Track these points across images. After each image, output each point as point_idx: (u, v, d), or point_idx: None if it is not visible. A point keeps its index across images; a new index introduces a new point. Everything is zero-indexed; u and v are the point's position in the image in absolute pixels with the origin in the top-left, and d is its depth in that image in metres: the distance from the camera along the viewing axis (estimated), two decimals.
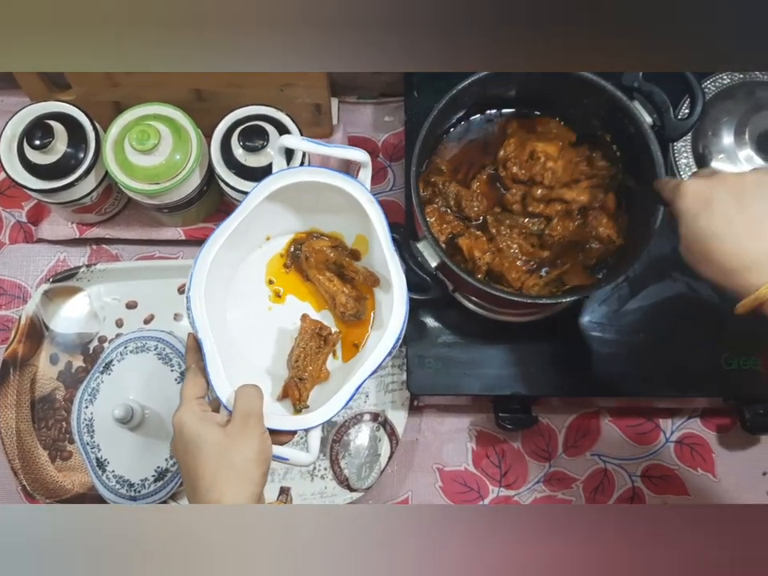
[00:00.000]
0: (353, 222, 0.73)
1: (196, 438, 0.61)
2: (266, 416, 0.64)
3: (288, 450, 0.66)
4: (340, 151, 0.72)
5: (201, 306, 0.67)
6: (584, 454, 0.95)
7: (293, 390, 0.70)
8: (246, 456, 0.60)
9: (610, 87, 0.78)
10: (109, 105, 0.93)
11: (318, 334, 0.73)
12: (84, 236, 0.98)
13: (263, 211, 0.71)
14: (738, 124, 0.87)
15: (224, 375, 0.66)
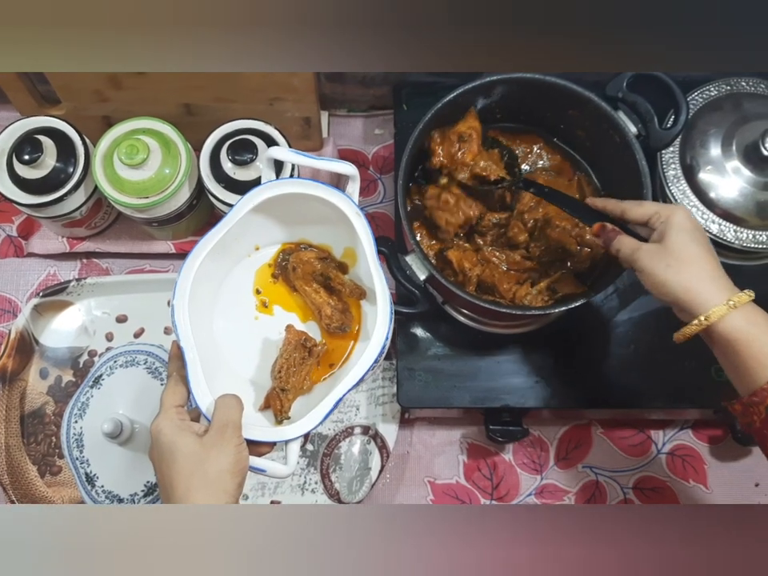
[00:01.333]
0: (341, 234, 0.73)
1: (171, 446, 0.60)
2: (245, 426, 0.63)
3: (265, 462, 0.65)
4: (327, 164, 0.72)
5: (184, 315, 0.67)
6: (576, 466, 0.95)
7: (275, 400, 0.70)
8: (220, 467, 0.60)
9: (595, 98, 0.79)
10: (98, 119, 0.94)
11: (302, 345, 0.72)
12: (74, 250, 0.98)
13: (251, 221, 0.71)
14: (725, 135, 0.87)
15: (205, 384, 0.66)
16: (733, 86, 0.91)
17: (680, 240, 0.65)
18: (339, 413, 0.95)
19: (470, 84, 0.80)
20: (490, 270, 0.81)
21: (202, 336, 0.70)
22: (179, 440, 0.61)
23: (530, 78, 0.81)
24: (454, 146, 0.81)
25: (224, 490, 0.59)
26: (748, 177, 0.85)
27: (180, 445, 0.60)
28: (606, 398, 0.88)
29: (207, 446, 0.60)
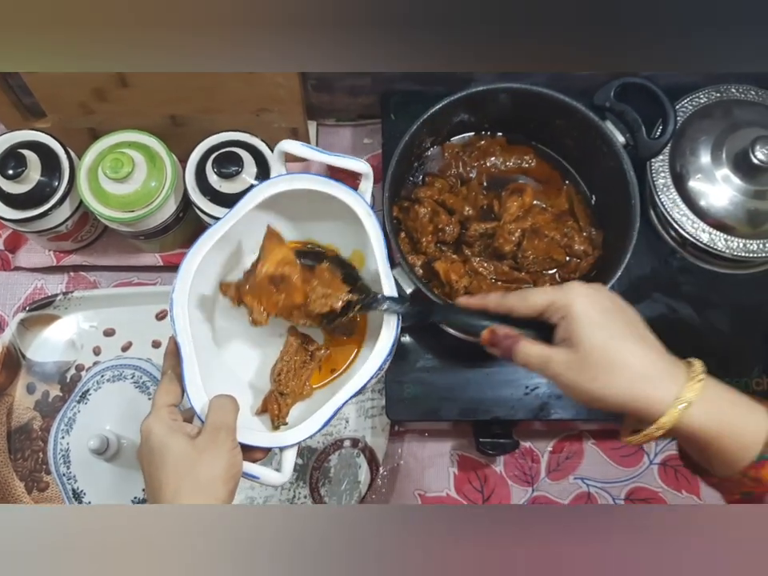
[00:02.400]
0: (350, 235, 0.72)
1: (162, 448, 0.58)
2: (240, 430, 0.61)
3: (259, 468, 0.63)
4: (340, 160, 0.70)
5: (183, 309, 0.65)
6: (567, 477, 0.94)
7: (272, 404, 0.68)
8: (212, 472, 0.57)
9: (581, 108, 0.78)
10: (85, 132, 0.93)
11: (304, 348, 0.71)
12: (61, 263, 0.98)
13: (258, 218, 0.70)
14: (714, 143, 0.86)
15: (200, 383, 0.63)
16: (723, 92, 0.91)
17: (594, 340, 0.53)
18: (329, 425, 0.94)
19: (457, 94, 0.80)
20: (477, 281, 0.80)
21: (202, 334, 0.69)
22: (170, 441, 0.58)
23: (516, 88, 0.80)
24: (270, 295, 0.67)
25: (215, 496, 0.57)
26: (738, 185, 0.84)
27: (171, 446, 0.58)
28: (596, 410, 0.87)
29: (199, 449, 0.58)
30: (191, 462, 0.57)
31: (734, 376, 0.88)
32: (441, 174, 0.86)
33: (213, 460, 0.58)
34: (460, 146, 0.87)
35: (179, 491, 0.56)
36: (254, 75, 0.84)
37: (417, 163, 0.87)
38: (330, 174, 0.94)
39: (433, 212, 0.82)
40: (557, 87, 0.94)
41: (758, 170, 0.83)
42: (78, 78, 0.84)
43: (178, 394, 0.63)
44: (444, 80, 0.93)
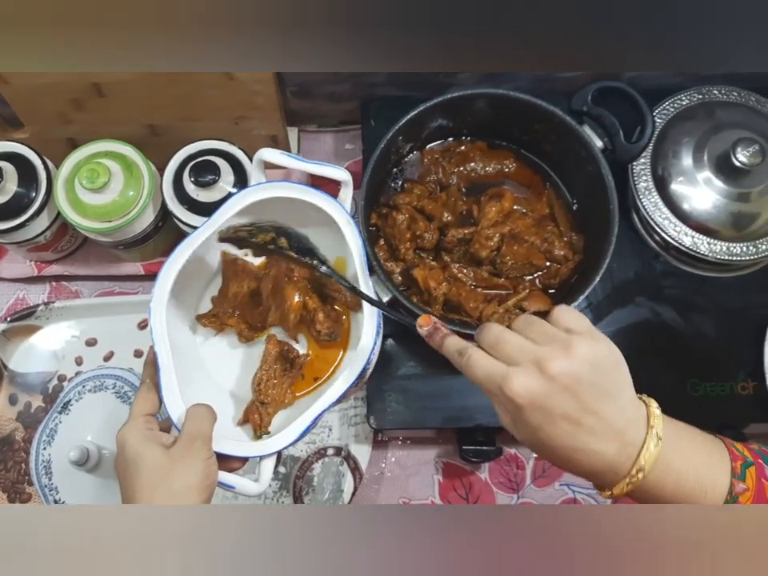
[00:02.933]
0: (333, 243, 0.71)
1: (136, 457, 0.58)
2: (218, 440, 0.61)
3: (235, 478, 0.62)
4: (318, 168, 0.70)
5: (161, 317, 0.65)
6: (553, 483, 0.93)
7: (253, 414, 0.68)
8: (186, 481, 0.57)
9: (559, 112, 0.77)
10: (63, 142, 0.93)
11: (283, 356, 0.71)
12: (42, 273, 0.97)
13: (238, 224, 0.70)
14: (696, 145, 0.86)
15: (177, 393, 0.63)
16: (705, 94, 0.90)
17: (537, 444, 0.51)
18: (312, 434, 0.93)
19: (433, 100, 0.79)
20: (456, 288, 0.80)
21: (183, 343, 0.69)
22: (145, 451, 0.58)
23: (492, 93, 0.79)
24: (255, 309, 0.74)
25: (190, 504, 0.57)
26: (720, 188, 0.84)
27: (145, 456, 0.58)
28: None
29: (174, 459, 0.58)
30: (165, 471, 0.57)
31: (719, 380, 0.87)
32: (420, 180, 0.85)
33: (187, 470, 0.57)
34: (440, 151, 0.87)
35: (153, 500, 0.56)
36: (231, 83, 0.84)
37: (396, 169, 0.86)
38: (312, 181, 0.94)
39: (411, 219, 0.81)
40: (540, 90, 0.94)
41: (740, 172, 0.82)
42: (54, 87, 0.84)
43: (156, 403, 0.63)
44: (425, 85, 0.92)
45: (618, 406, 0.50)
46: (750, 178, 0.83)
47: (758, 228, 0.85)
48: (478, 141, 0.87)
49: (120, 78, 0.83)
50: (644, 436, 0.50)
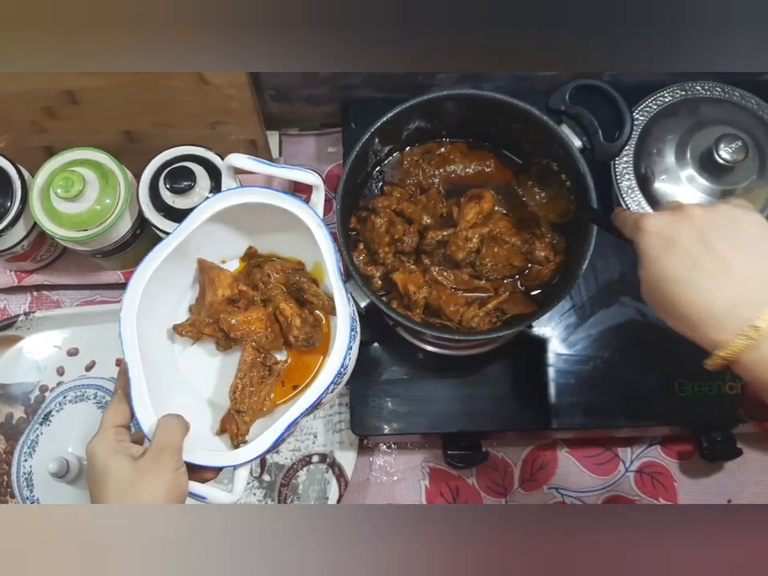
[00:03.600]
0: (309, 248, 0.70)
1: (104, 469, 0.57)
2: (189, 450, 0.60)
3: (206, 488, 0.61)
4: (288, 172, 0.69)
5: (131, 328, 0.64)
6: (541, 487, 0.92)
7: (230, 423, 0.67)
8: (153, 493, 0.56)
9: (536, 112, 0.76)
10: (40, 150, 0.92)
11: (261, 363, 0.70)
12: (23, 283, 0.97)
13: (213, 232, 0.69)
14: (678, 143, 0.84)
15: (149, 403, 0.62)
16: (688, 90, 0.89)
17: (645, 282, 0.54)
18: (296, 441, 0.92)
19: (408, 102, 0.78)
20: (437, 291, 0.79)
21: (160, 352, 0.68)
22: (112, 463, 0.57)
23: (469, 94, 0.78)
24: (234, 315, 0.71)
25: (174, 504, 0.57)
26: (703, 185, 0.83)
27: (113, 468, 0.57)
28: (565, 419, 0.85)
29: (141, 471, 0.57)
30: (132, 483, 0.56)
31: (707, 380, 0.86)
32: (400, 183, 0.84)
33: (154, 481, 0.57)
34: (419, 153, 0.85)
35: None
36: (205, 88, 0.83)
37: (376, 172, 0.85)
38: (295, 186, 0.93)
39: (389, 222, 0.80)
40: (519, 89, 0.93)
41: (723, 169, 0.81)
42: (26, 96, 0.83)
43: (127, 414, 0.62)
44: (404, 87, 0.91)
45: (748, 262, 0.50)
46: (733, 175, 0.82)
47: None
48: (458, 142, 0.85)
49: (93, 85, 0.82)
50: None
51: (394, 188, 0.83)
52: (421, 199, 0.83)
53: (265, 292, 0.72)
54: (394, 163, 0.86)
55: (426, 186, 0.84)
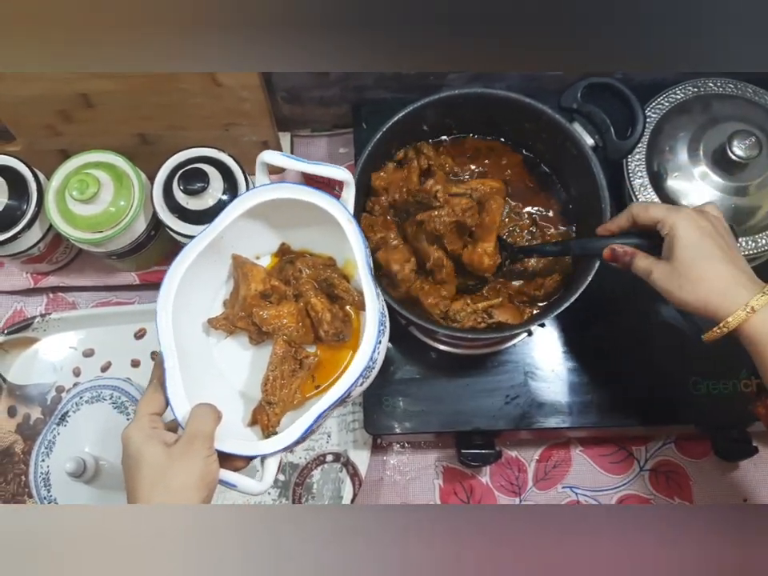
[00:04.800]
0: (342, 245, 0.70)
1: (137, 455, 0.58)
2: (221, 438, 0.61)
3: (237, 476, 0.62)
4: (320, 169, 0.69)
5: (167, 319, 0.65)
6: (555, 486, 0.92)
7: (261, 414, 0.68)
8: (184, 480, 0.57)
9: (548, 110, 0.76)
10: (55, 153, 0.93)
11: (292, 356, 0.70)
12: (39, 285, 0.98)
13: (246, 227, 0.70)
14: (691, 140, 0.84)
15: (183, 393, 0.63)
16: (700, 87, 0.88)
17: (687, 257, 0.65)
18: (311, 440, 0.93)
19: (421, 101, 0.78)
20: (419, 282, 0.78)
21: (193, 344, 0.69)
22: (146, 449, 0.58)
23: (481, 93, 0.78)
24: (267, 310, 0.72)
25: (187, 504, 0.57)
26: (717, 182, 0.82)
27: (146, 454, 0.58)
28: (579, 417, 0.85)
29: (174, 457, 0.58)
30: (163, 469, 0.57)
31: (721, 378, 0.86)
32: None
33: (186, 468, 0.58)
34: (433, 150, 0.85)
35: (151, 498, 0.57)
36: (218, 90, 0.83)
37: None
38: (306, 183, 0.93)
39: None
40: (530, 88, 0.93)
41: (737, 165, 0.81)
42: (41, 100, 0.84)
43: (162, 403, 0.63)
44: (415, 87, 0.92)
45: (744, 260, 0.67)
46: (747, 172, 0.82)
47: (757, 222, 0.83)
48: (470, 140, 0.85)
49: (107, 88, 0.83)
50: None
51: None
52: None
53: (296, 287, 0.72)
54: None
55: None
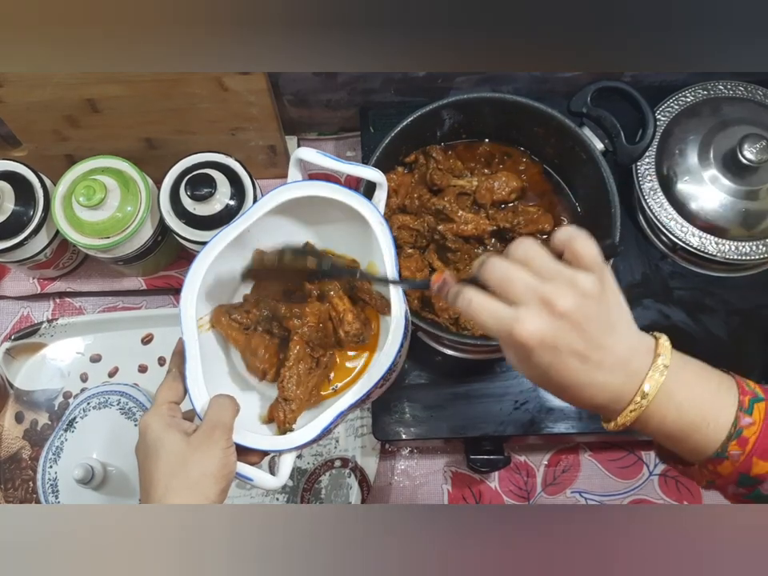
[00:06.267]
0: (366, 247, 0.70)
1: (156, 443, 0.58)
2: (238, 431, 0.60)
3: (254, 471, 0.61)
4: (353, 169, 0.69)
5: (190, 308, 0.65)
6: (564, 491, 0.91)
7: (278, 411, 0.67)
8: (203, 469, 0.56)
9: (557, 115, 0.76)
10: (62, 158, 0.93)
11: (309, 355, 0.70)
12: (46, 291, 0.97)
13: (274, 224, 0.69)
14: (701, 143, 0.84)
15: (203, 382, 0.63)
16: (710, 90, 0.88)
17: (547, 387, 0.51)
18: (319, 446, 0.93)
19: (430, 106, 0.78)
20: None
21: (212, 341, 0.69)
22: (165, 437, 0.58)
23: (491, 97, 0.78)
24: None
25: (205, 495, 0.56)
26: (727, 186, 0.82)
27: (165, 442, 0.57)
28: (588, 423, 0.85)
29: (193, 446, 0.57)
30: (183, 458, 0.57)
31: None
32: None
33: (205, 457, 0.57)
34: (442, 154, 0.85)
35: (169, 487, 0.56)
36: (224, 94, 0.83)
37: None
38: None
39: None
40: (539, 92, 0.92)
41: (747, 169, 0.80)
42: (48, 105, 0.83)
43: (180, 392, 0.63)
44: (423, 91, 0.91)
45: (623, 337, 0.49)
46: (758, 175, 0.81)
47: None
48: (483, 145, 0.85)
49: (113, 93, 0.82)
50: (649, 365, 0.49)
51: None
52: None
53: (320, 287, 0.72)
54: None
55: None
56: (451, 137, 0.84)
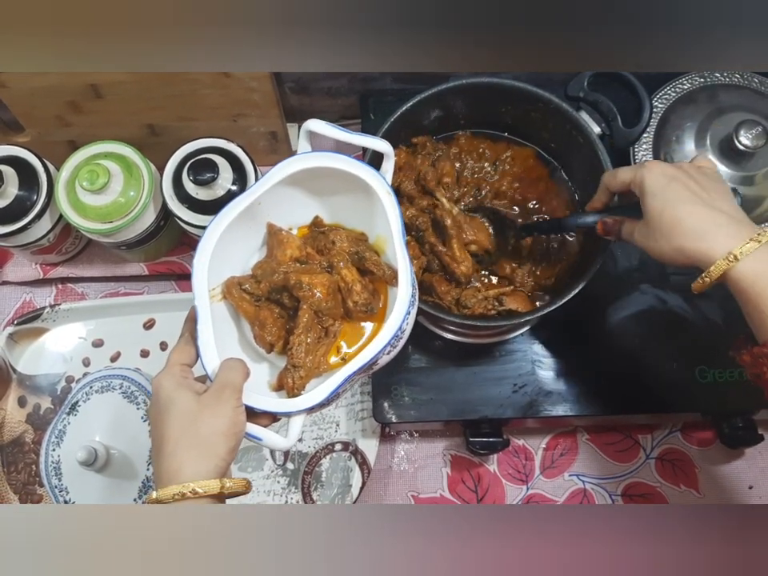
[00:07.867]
0: (375, 220, 0.71)
1: (168, 402, 0.59)
2: (248, 393, 0.62)
3: (263, 431, 0.63)
4: (363, 139, 0.70)
5: (203, 275, 0.66)
6: (562, 474, 0.92)
7: (287, 378, 0.68)
8: (213, 427, 0.58)
9: (555, 99, 0.77)
10: (64, 144, 0.93)
11: (317, 324, 0.71)
12: (48, 276, 0.98)
13: (285, 195, 0.70)
14: (698, 129, 0.85)
15: (213, 347, 0.64)
16: (707, 77, 0.89)
17: (656, 207, 0.63)
18: (319, 429, 0.93)
19: (427, 92, 0.79)
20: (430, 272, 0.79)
21: (223, 310, 0.70)
22: (177, 396, 0.59)
23: (488, 82, 0.79)
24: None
25: (215, 452, 0.58)
26: (723, 172, 0.83)
27: (177, 401, 0.59)
28: (586, 406, 0.86)
29: (203, 405, 0.59)
30: (193, 416, 0.58)
31: (727, 366, 0.86)
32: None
33: (215, 416, 0.59)
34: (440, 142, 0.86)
35: (179, 444, 0.57)
36: (227, 81, 0.84)
37: None
38: None
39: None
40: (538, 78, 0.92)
41: (744, 155, 0.81)
42: (51, 90, 0.84)
43: (192, 355, 0.64)
44: (422, 78, 0.92)
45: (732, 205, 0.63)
46: (753, 161, 0.82)
47: (764, 211, 0.84)
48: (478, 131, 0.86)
49: (116, 79, 0.83)
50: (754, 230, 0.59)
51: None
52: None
53: (329, 258, 0.72)
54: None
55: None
56: (451, 124, 0.85)
